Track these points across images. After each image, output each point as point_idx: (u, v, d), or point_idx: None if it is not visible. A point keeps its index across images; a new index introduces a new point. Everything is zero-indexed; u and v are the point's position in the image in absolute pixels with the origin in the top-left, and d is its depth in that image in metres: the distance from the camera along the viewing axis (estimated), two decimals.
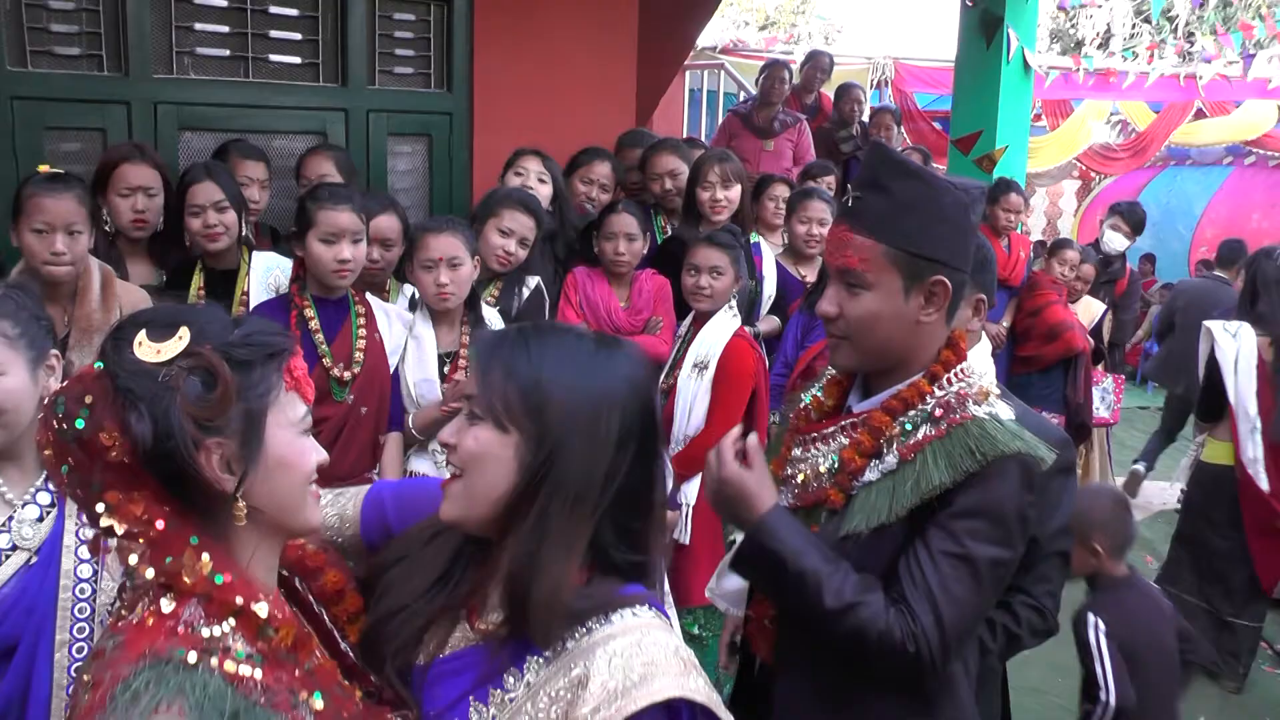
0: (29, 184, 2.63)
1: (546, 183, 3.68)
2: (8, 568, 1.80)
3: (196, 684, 1.01)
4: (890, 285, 1.57)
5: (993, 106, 5.52)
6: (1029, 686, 3.91)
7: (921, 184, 1.56)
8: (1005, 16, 5.39)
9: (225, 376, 1.07)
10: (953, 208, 1.57)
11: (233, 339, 1.11)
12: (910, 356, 1.63)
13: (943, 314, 1.61)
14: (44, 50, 3.43)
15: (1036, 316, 5.29)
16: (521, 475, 1.19)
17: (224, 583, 1.09)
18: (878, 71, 9.71)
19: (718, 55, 8.75)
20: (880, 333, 1.60)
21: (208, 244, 3.06)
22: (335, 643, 1.28)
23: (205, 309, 1.15)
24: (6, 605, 1.78)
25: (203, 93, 3.71)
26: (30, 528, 1.84)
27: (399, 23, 4.11)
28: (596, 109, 4.52)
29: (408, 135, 4.22)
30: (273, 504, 1.14)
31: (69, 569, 1.84)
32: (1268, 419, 3.95)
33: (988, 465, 1.50)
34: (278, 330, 1.17)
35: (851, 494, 1.61)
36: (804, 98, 6.82)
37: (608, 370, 1.24)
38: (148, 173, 3.10)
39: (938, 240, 1.56)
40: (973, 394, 1.59)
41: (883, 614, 1.51)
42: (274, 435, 1.12)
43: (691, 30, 6.13)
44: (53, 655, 1.81)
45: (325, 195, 2.83)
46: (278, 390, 1.13)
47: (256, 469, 1.10)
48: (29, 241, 2.60)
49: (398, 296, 3.23)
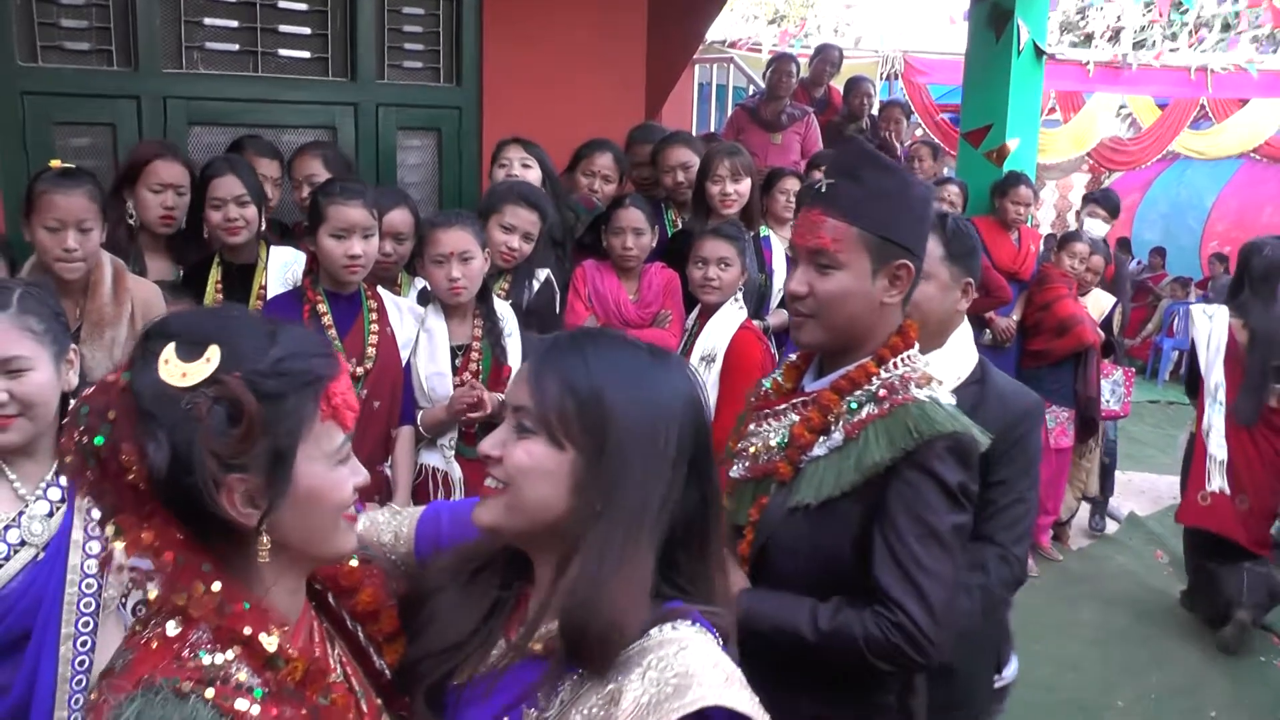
0: (41, 180, 2.64)
1: (531, 167, 3.66)
2: (15, 563, 1.83)
3: (185, 713, 0.98)
4: (860, 266, 1.67)
5: (1003, 100, 5.48)
6: (1038, 683, 3.90)
7: (892, 176, 1.68)
8: (1015, 9, 5.36)
9: (251, 412, 0.99)
10: (918, 200, 1.70)
11: (263, 366, 1.02)
12: (866, 337, 1.72)
13: (903, 297, 1.72)
14: (54, 45, 3.44)
15: (1047, 311, 5.26)
16: (578, 496, 1.13)
17: (233, 613, 1.03)
18: (887, 65, 9.67)
19: (726, 49, 8.73)
20: (847, 310, 1.69)
21: (227, 237, 3.07)
22: (370, 660, 1.24)
23: (243, 321, 1.07)
24: (14, 599, 1.81)
25: (212, 88, 3.71)
26: (40, 524, 1.87)
27: (408, 17, 4.11)
28: (606, 103, 4.52)
29: (417, 129, 4.22)
30: (300, 537, 1.09)
31: (76, 564, 1.87)
32: (1232, 395, 4.47)
33: (926, 444, 1.58)
34: (318, 351, 1.08)
35: (800, 468, 1.69)
36: (813, 91, 6.80)
37: (666, 384, 1.18)
38: (179, 171, 3.12)
39: (904, 228, 1.68)
40: (915, 377, 1.68)
41: (860, 623, 1.58)
42: (304, 469, 1.05)
43: (700, 24, 6.12)
44: (58, 649, 1.84)
45: (336, 190, 2.84)
46: (311, 422, 1.05)
47: (283, 504, 1.04)
48: (41, 238, 2.61)
49: (409, 290, 3.24)
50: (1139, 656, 4.43)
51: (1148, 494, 6.74)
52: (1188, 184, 12.90)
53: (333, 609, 1.23)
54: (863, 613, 1.58)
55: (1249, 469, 4.48)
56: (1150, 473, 7.19)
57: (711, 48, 8.34)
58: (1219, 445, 4.51)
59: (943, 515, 1.59)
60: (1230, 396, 4.47)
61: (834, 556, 1.63)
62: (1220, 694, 4.19)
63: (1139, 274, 12.06)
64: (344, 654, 1.20)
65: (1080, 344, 5.20)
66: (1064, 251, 5.40)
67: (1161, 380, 10.54)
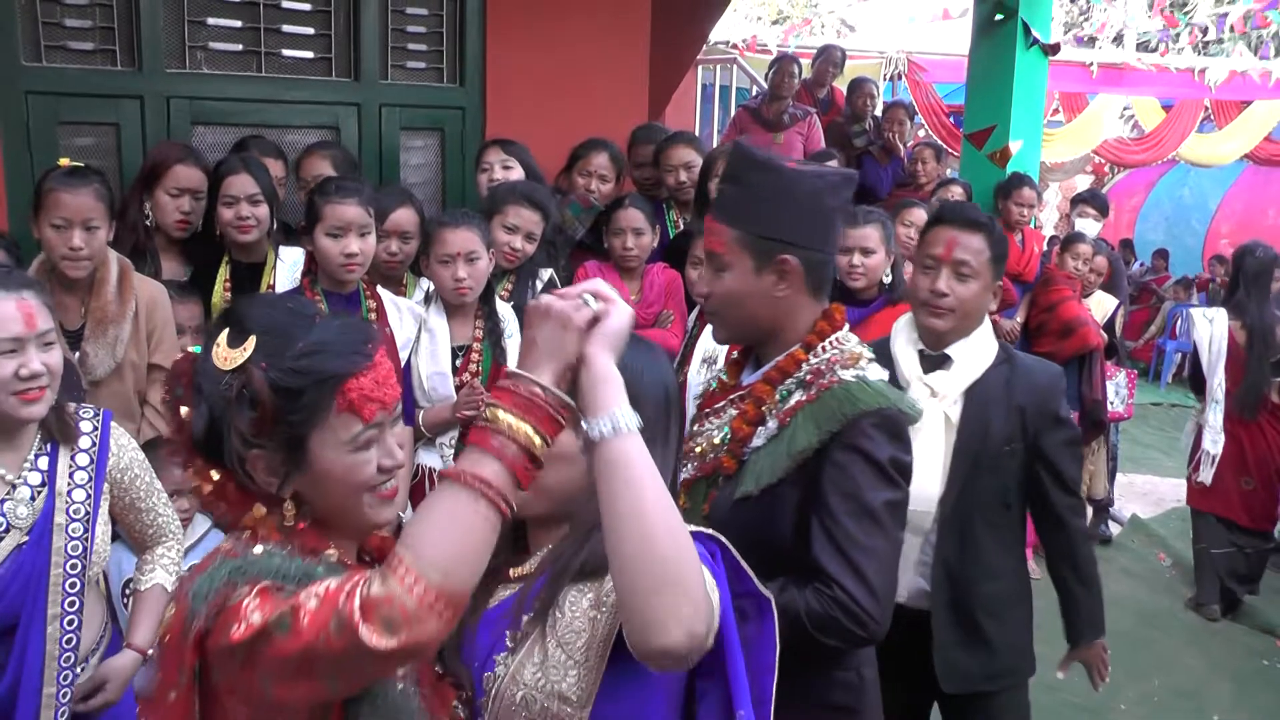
0: (49, 178, 2.65)
1: (513, 169, 3.65)
2: (3, 548, 1.90)
3: (280, 559, 1.13)
4: (743, 265, 1.73)
5: (1006, 101, 5.48)
6: (1045, 684, 3.89)
7: (774, 175, 1.72)
8: (1019, 9, 5.36)
9: (264, 403, 1.13)
10: (807, 195, 1.73)
11: (285, 361, 1.14)
12: (779, 328, 1.78)
13: (799, 289, 1.75)
14: (58, 45, 3.45)
15: (1051, 313, 5.26)
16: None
17: (297, 529, 1.19)
18: (891, 66, 9.66)
19: (730, 50, 8.72)
20: (741, 308, 1.76)
21: (239, 235, 3.07)
22: None
23: (290, 313, 1.19)
24: (6, 583, 1.88)
25: (216, 87, 3.71)
26: (25, 508, 1.93)
27: (411, 17, 4.11)
28: (609, 103, 4.51)
29: (420, 129, 4.22)
30: (324, 508, 1.21)
31: (60, 546, 1.95)
32: (1232, 390, 4.81)
33: (852, 423, 1.65)
34: (343, 349, 1.17)
35: (743, 460, 1.76)
36: (816, 92, 6.80)
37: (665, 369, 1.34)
38: (198, 176, 3.13)
39: (785, 224, 1.72)
40: (843, 359, 1.74)
41: (800, 599, 1.63)
42: (319, 454, 1.16)
43: (704, 25, 6.11)
44: (45, 628, 1.92)
45: (331, 189, 2.84)
46: (325, 413, 1.15)
47: (302, 479, 1.18)
48: (48, 236, 2.62)
49: (414, 290, 3.24)
50: (1142, 659, 4.43)
51: (1150, 496, 6.74)
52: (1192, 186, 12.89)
53: None
54: (805, 590, 1.64)
55: (1255, 453, 4.87)
56: (1153, 475, 7.19)
57: (715, 49, 8.33)
58: (1214, 441, 4.88)
59: (874, 492, 1.64)
60: (1231, 390, 4.82)
61: (779, 542, 1.70)
62: (1224, 697, 4.18)
63: (1142, 276, 12.04)
64: None
65: (1085, 346, 5.19)
66: (1067, 253, 5.39)
67: (1164, 383, 10.52)
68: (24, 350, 1.87)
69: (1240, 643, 4.73)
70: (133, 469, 2.12)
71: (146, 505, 2.15)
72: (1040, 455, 2.33)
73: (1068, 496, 2.38)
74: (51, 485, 1.97)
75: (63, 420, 2.00)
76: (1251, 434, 4.87)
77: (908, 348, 2.38)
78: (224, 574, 1.11)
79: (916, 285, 2.36)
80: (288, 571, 1.11)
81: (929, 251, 2.34)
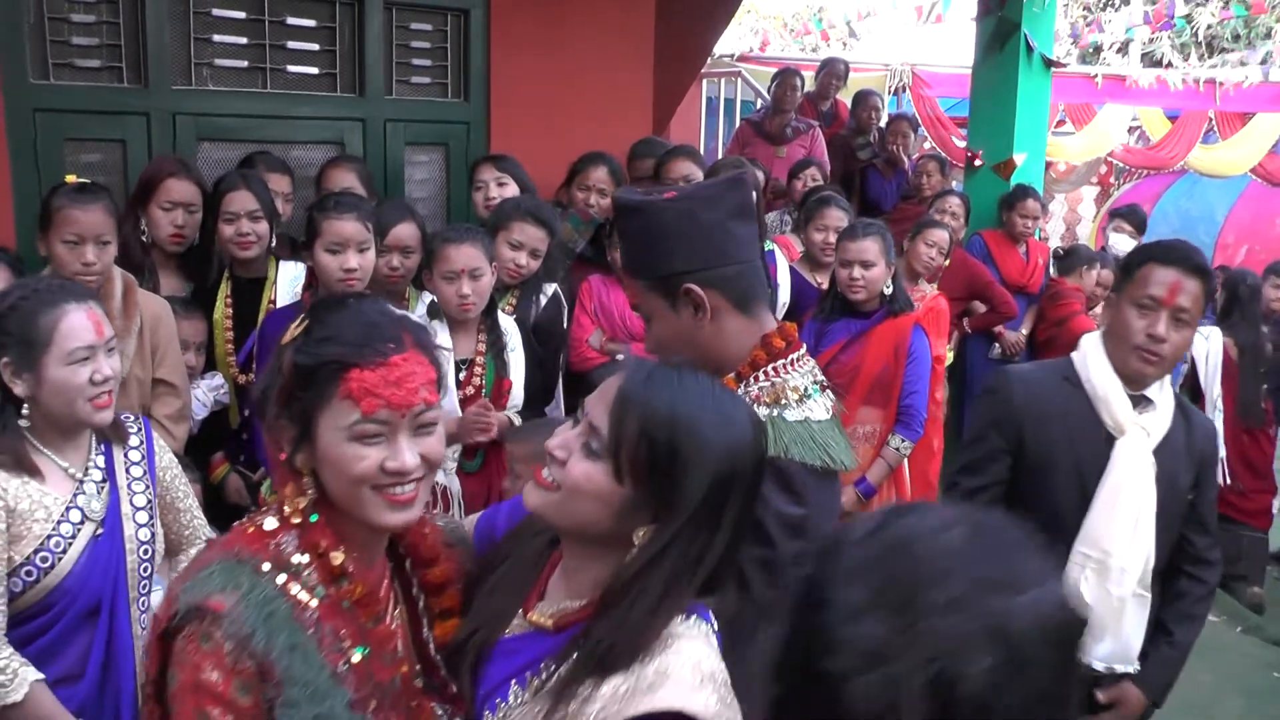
0: (58, 195, 2.67)
1: (507, 184, 3.66)
2: (81, 539, 2.02)
3: (257, 586, 1.18)
4: (660, 310, 1.71)
5: (1010, 114, 5.49)
6: None
7: (641, 215, 1.69)
8: (1022, 23, 5.37)
9: (285, 376, 1.23)
10: (676, 221, 1.67)
11: (310, 342, 1.23)
12: (721, 357, 1.70)
13: (722, 310, 1.68)
14: (65, 63, 3.47)
15: (1062, 326, 5.27)
16: (622, 523, 1.21)
17: (317, 522, 1.25)
18: (895, 78, 9.66)
19: (735, 63, 8.74)
20: (673, 352, 1.69)
21: (239, 252, 3.09)
22: (420, 628, 1.36)
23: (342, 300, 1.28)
24: (86, 574, 2.01)
25: (221, 104, 3.74)
26: (97, 501, 2.07)
27: (416, 33, 4.14)
28: (613, 117, 4.53)
29: (425, 145, 4.24)
30: (334, 494, 1.25)
31: (130, 534, 2.09)
32: (1230, 403, 5.29)
33: None
34: (360, 340, 1.21)
35: None
36: (820, 105, 6.81)
37: (739, 441, 1.23)
38: (190, 189, 3.14)
39: (667, 256, 1.67)
40: (765, 396, 1.66)
41: None
42: (323, 436, 1.22)
43: (708, 38, 6.13)
44: (129, 611, 2.07)
45: (330, 205, 2.86)
46: (329, 397, 1.21)
47: (312, 457, 1.24)
48: (60, 253, 2.64)
49: (416, 305, 3.24)
50: None
51: None
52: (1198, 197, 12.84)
53: (406, 575, 1.38)
54: None
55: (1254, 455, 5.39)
56: None
57: (719, 61, 8.36)
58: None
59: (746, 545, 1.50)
60: (1229, 404, 5.31)
61: None
62: (1234, 711, 4.15)
63: None
64: (403, 616, 1.35)
65: None
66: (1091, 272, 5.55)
67: None
68: (95, 357, 2.01)
69: (1251, 656, 4.70)
70: (172, 469, 2.26)
71: (184, 506, 2.27)
72: (1193, 505, 2.30)
73: (1214, 550, 2.36)
74: (113, 480, 2.11)
75: (115, 421, 2.13)
76: (1255, 438, 5.38)
77: (1114, 386, 2.21)
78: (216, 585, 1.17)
79: (1127, 325, 2.16)
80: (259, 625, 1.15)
81: (1147, 292, 2.13)
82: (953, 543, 0.80)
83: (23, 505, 1.96)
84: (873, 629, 0.76)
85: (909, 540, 0.81)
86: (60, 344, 1.97)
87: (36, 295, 2.00)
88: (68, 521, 2.01)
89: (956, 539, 0.80)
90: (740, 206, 1.73)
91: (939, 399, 3.96)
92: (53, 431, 2.04)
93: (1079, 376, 2.25)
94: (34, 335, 1.96)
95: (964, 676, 0.73)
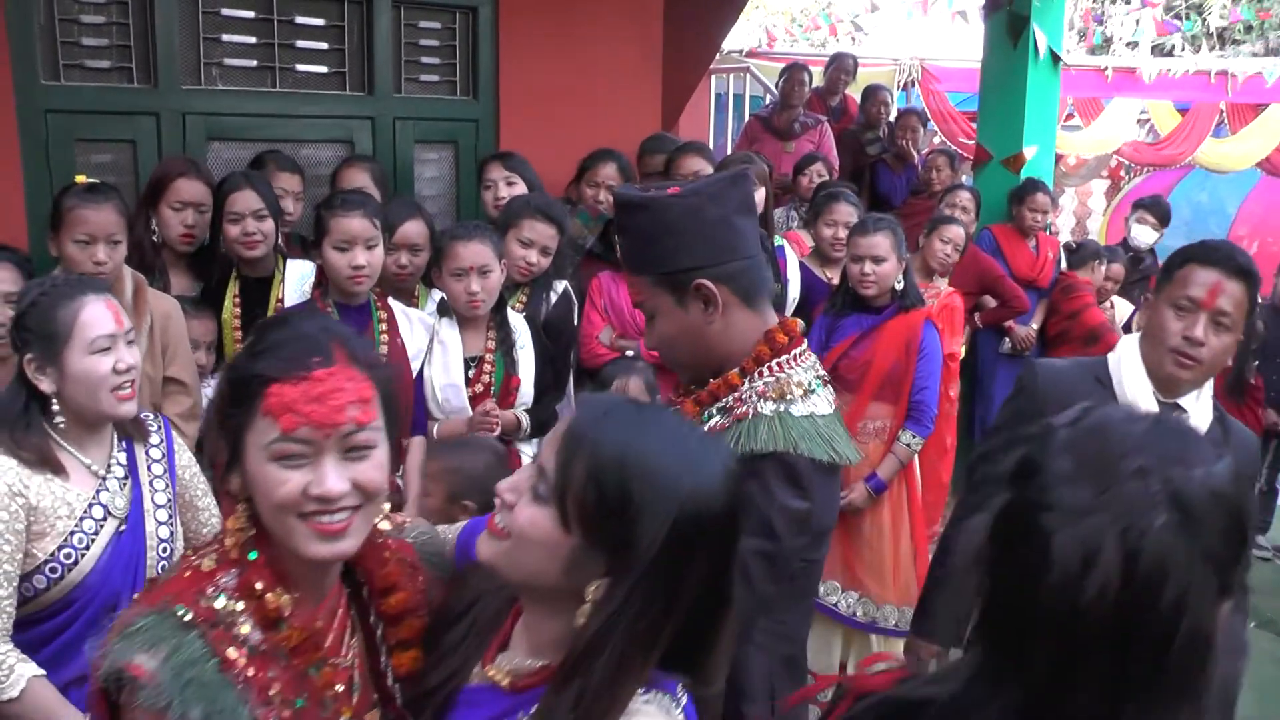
0: (69, 195, 2.68)
1: (516, 183, 3.66)
2: (104, 535, 2.04)
3: (182, 646, 1.08)
4: (665, 305, 1.71)
5: (1020, 108, 5.47)
6: None
7: (647, 211, 1.69)
8: (1031, 16, 5.34)
9: (220, 391, 1.18)
10: (680, 216, 1.67)
11: (239, 356, 1.18)
12: (721, 356, 1.72)
13: (730, 305, 1.69)
14: (75, 64, 3.49)
15: (1074, 319, 5.25)
16: (571, 576, 1.09)
17: (255, 560, 1.16)
18: (904, 73, 9.64)
19: (743, 59, 8.73)
20: (680, 348, 1.74)
21: (245, 251, 3.10)
22: (377, 658, 1.27)
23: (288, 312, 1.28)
24: (109, 570, 2.02)
25: (231, 103, 3.75)
26: (121, 497, 2.08)
27: (424, 31, 4.14)
28: (622, 114, 4.53)
29: (434, 143, 4.24)
30: (267, 523, 1.16)
31: (152, 531, 2.11)
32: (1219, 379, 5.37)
33: (747, 463, 1.53)
34: (285, 354, 1.13)
35: None
36: (828, 100, 6.80)
37: (704, 493, 1.08)
38: (201, 189, 3.14)
39: (676, 252, 1.68)
40: (773, 389, 1.66)
41: None
42: (248, 456, 1.14)
43: (717, 34, 6.12)
44: None
45: (338, 203, 2.87)
46: (251, 413, 1.12)
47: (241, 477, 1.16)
48: (71, 252, 2.65)
49: (426, 302, 3.25)
50: None
51: None
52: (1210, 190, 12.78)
53: (364, 602, 1.29)
54: None
55: None
56: None
57: (728, 57, 8.34)
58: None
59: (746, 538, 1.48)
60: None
61: None
62: (1246, 705, 4.11)
63: None
64: (360, 645, 1.27)
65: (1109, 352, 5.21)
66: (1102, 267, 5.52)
67: None
68: (116, 347, 2.03)
69: (1264, 650, 4.67)
70: (191, 467, 2.27)
71: (203, 505, 2.28)
72: None
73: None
74: (135, 476, 2.13)
75: (136, 418, 2.16)
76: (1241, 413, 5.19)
77: (1145, 390, 2.09)
78: (140, 643, 1.08)
79: (1163, 327, 2.03)
80: (176, 694, 1.06)
81: (1185, 293, 2.00)
82: (1140, 427, 0.96)
83: (45, 503, 1.97)
84: (1078, 491, 0.91)
85: (1106, 425, 0.98)
86: (81, 334, 1.99)
87: (55, 290, 2.03)
88: (90, 518, 2.02)
89: (1143, 425, 0.97)
90: (743, 202, 1.74)
91: (952, 396, 3.95)
92: (77, 428, 2.05)
93: (1111, 378, 2.15)
94: (55, 328, 1.98)
95: (1147, 531, 0.88)
